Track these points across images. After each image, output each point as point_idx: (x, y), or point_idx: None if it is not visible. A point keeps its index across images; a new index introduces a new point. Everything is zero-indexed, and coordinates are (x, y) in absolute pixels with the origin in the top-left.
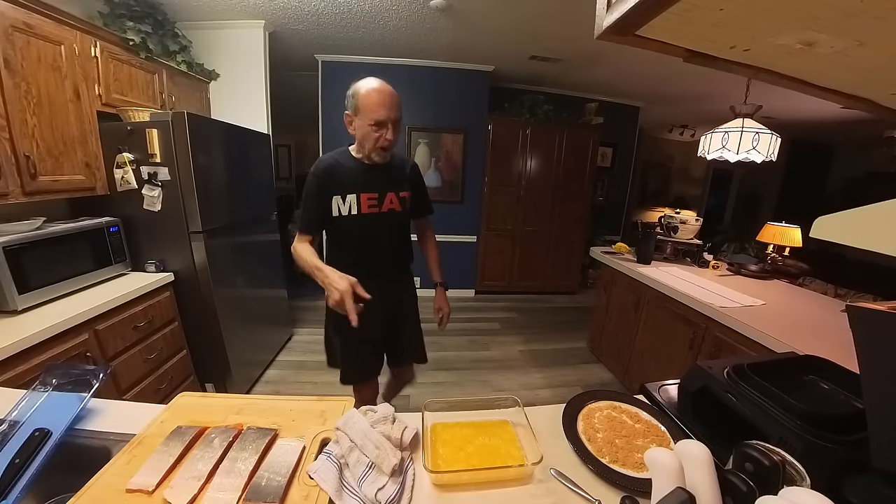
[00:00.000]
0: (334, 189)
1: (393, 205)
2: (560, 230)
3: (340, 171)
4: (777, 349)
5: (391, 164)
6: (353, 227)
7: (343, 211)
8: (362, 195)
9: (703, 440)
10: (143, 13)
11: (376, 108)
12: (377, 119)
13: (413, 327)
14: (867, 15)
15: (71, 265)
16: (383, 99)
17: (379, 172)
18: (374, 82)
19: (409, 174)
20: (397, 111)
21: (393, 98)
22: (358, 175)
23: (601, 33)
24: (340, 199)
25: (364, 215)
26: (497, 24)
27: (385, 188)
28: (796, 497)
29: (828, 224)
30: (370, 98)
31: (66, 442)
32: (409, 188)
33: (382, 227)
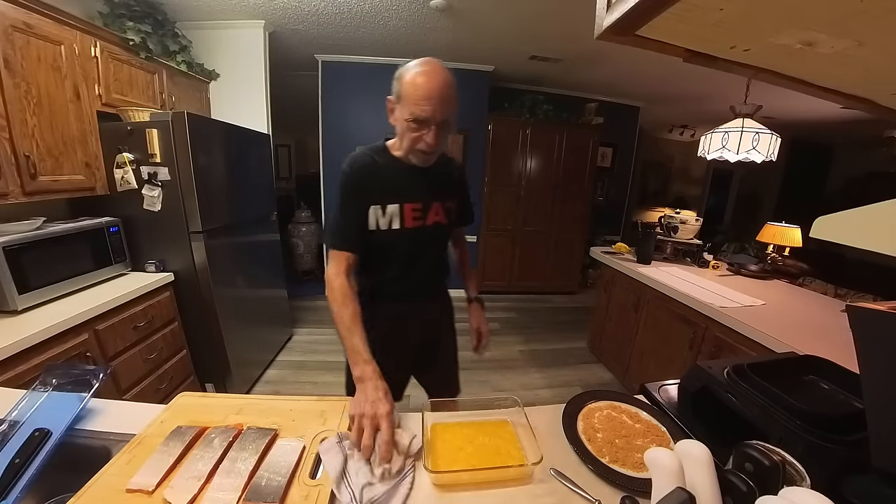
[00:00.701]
0: (373, 195)
1: (439, 217)
2: (560, 230)
3: (379, 172)
4: (777, 349)
5: (436, 165)
6: (393, 245)
7: (382, 224)
8: (406, 205)
9: (703, 440)
10: (143, 13)
11: (418, 101)
12: (417, 115)
13: (448, 360)
14: (867, 15)
15: (71, 265)
16: (430, 90)
17: (424, 176)
18: (426, 65)
19: (456, 177)
20: (446, 109)
21: (444, 91)
22: (400, 179)
23: (601, 33)
24: (380, 209)
25: (407, 230)
26: (497, 24)
27: (430, 197)
28: (796, 497)
29: (828, 224)
30: (414, 86)
31: (66, 442)
32: (456, 195)
33: (426, 244)
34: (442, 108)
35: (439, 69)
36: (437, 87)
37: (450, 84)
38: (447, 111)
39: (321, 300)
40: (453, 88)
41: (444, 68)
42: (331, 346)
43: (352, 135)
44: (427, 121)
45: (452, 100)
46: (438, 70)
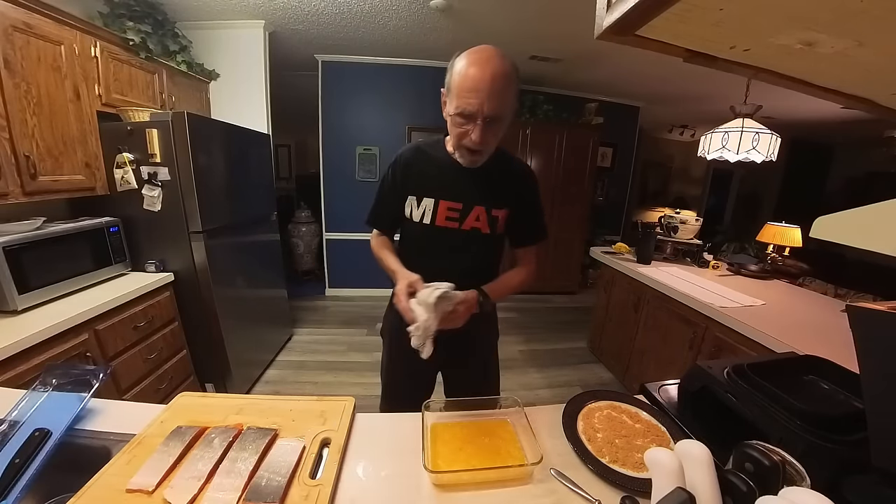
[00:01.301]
0: (411, 186)
1: (479, 223)
2: (560, 230)
3: (425, 163)
4: (777, 349)
5: (495, 167)
6: (423, 238)
7: (415, 215)
8: (441, 202)
9: (703, 440)
10: (143, 13)
11: (466, 93)
12: (463, 109)
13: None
14: (867, 15)
15: (71, 265)
16: (478, 80)
17: (473, 176)
18: (478, 53)
19: (517, 185)
20: (497, 103)
21: (496, 83)
22: (444, 174)
23: (601, 33)
24: (415, 200)
25: (436, 228)
26: (497, 24)
27: (474, 199)
28: (796, 497)
29: (828, 224)
30: (463, 76)
31: (66, 442)
32: (511, 205)
33: (458, 248)
34: (491, 102)
35: (493, 58)
36: (487, 78)
37: (504, 75)
38: (498, 106)
39: (321, 300)
40: (509, 80)
41: (499, 57)
42: (331, 346)
43: (352, 135)
44: (473, 115)
45: (506, 93)
46: (492, 59)
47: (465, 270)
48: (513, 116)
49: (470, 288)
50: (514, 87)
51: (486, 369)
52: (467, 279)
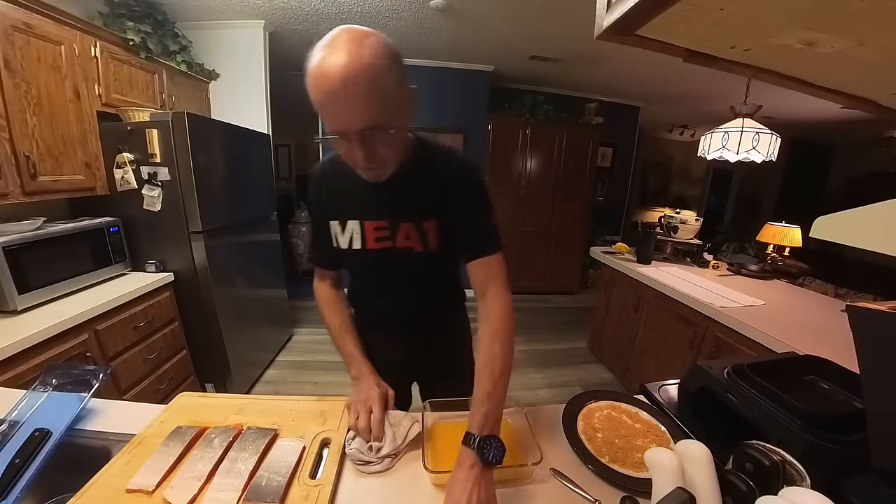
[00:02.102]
0: (331, 209)
1: (410, 241)
2: (560, 230)
3: (340, 179)
4: (777, 349)
5: (417, 171)
6: (360, 267)
7: (342, 242)
8: (367, 223)
9: (703, 440)
10: (143, 13)
11: (325, 110)
12: (331, 128)
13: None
14: (867, 15)
15: (71, 265)
16: (332, 93)
17: (393, 188)
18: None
19: (445, 188)
20: (365, 112)
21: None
22: (363, 191)
23: (601, 33)
24: (339, 226)
25: (371, 252)
26: (497, 24)
27: (399, 214)
28: (796, 497)
29: (828, 224)
30: (313, 87)
31: (66, 442)
32: (442, 213)
33: (399, 271)
34: (357, 114)
35: (343, 53)
36: (340, 86)
37: (363, 72)
38: (369, 113)
39: None
40: (373, 74)
41: (354, 47)
42: (331, 346)
43: None
44: (344, 133)
45: (375, 93)
46: (342, 54)
47: (418, 293)
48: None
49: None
50: (387, 75)
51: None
52: (424, 301)
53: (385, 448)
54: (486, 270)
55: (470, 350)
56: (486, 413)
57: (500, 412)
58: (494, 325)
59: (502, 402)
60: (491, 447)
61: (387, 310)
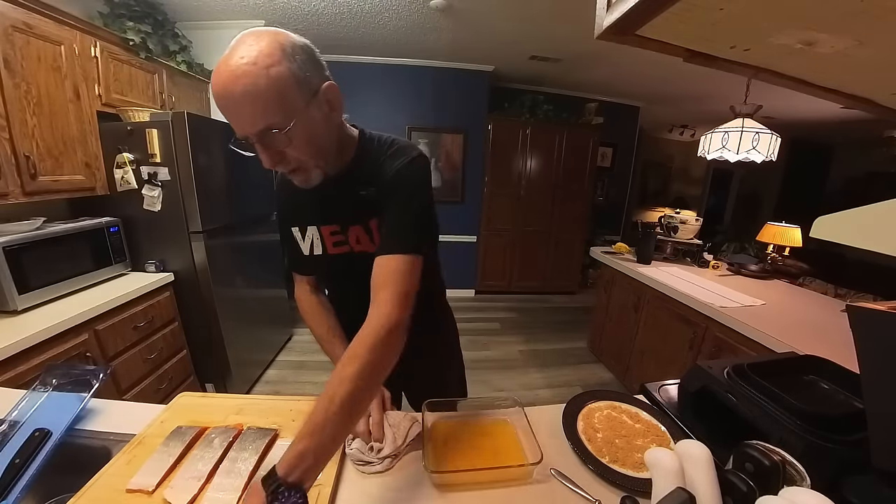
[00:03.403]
0: (291, 216)
1: (361, 244)
2: (560, 230)
3: (296, 189)
4: (777, 349)
5: (362, 170)
6: (329, 272)
7: (304, 248)
8: (323, 228)
9: (703, 440)
10: (143, 13)
11: (225, 115)
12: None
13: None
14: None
15: (71, 265)
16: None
17: (339, 192)
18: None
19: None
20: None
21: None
22: (314, 196)
23: (601, 33)
24: (299, 232)
25: (332, 257)
26: (497, 24)
27: (347, 217)
28: (796, 497)
29: (828, 224)
30: (215, 97)
31: (66, 442)
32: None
33: (361, 273)
34: (250, 117)
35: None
36: (224, 89)
37: (241, 74)
38: (264, 117)
39: None
40: (253, 76)
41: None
42: None
43: None
44: (244, 138)
45: (270, 95)
46: (229, 59)
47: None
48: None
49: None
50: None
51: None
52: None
53: (385, 449)
54: (382, 271)
55: (459, 353)
56: (302, 452)
57: (325, 457)
58: (360, 339)
59: (333, 444)
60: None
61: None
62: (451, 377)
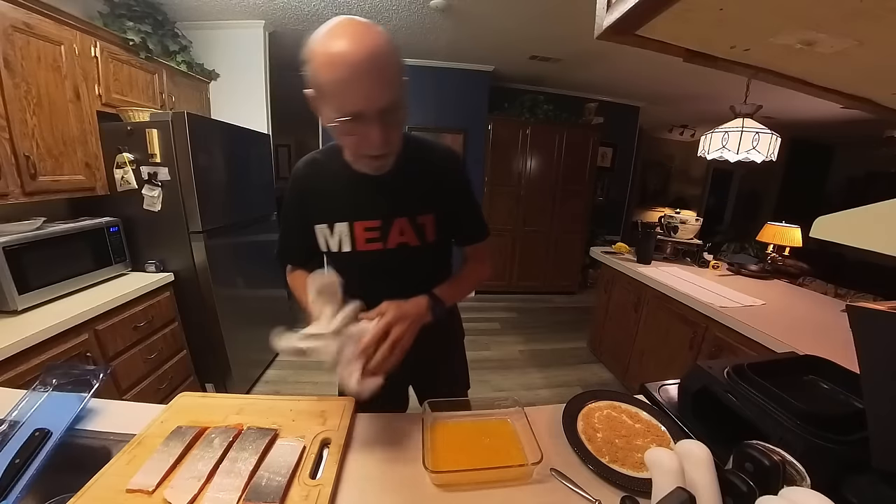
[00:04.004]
0: (317, 212)
1: (405, 237)
2: (560, 230)
3: (324, 181)
4: (777, 349)
5: (408, 165)
6: (348, 269)
7: (332, 245)
8: (357, 224)
9: (703, 440)
10: (143, 13)
11: (346, 90)
12: (350, 110)
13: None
14: (867, 15)
15: (71, 265)
16: (358, 70)
17: (383, 185)
18: (341, 31)
19: (440, 181)
20: (388, 89)
21: (378, 64)
22: (350, 190)
23: (601, 33)
24: (327, 228)
25: (360, 254)
26: (497, 24)
27: (392, 211)
28: (796, 497)
29: (828, 224)
30: (332, 69)
31: (66, 442)
32: (439, 206)
33: (393, 270)
34: (382, 90)
35: (362, 33)
36: (367, 61)
37: (384, 50)
38: (392, 90)
39: None
40: (391, 54)
41: (367, 29)
42: None
43: None
44: (364, 114)
45: (395, 72)
46: (358, 35)
47: (411, 290)
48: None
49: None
50: (399, 59)
51: (456, 373)
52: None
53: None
54: (479, 253)
55: (463, 350)
56: (447, 290)
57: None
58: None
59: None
60: (439, 307)
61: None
62: (459, 372)
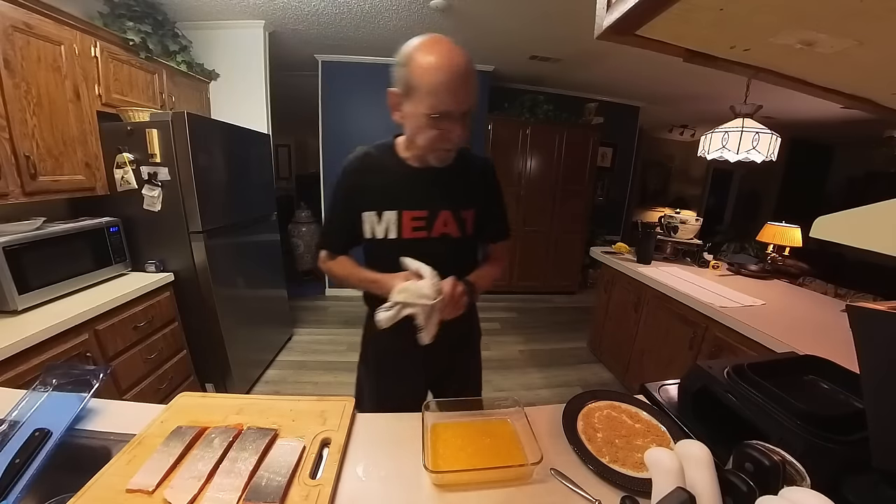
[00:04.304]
0: (366, 201)
1: (448, 228)
2: (560, 230)
3: (377, 173)
4: (777, 349)
5: (452, 167)
6: (391, 255)
7: (378, 233)
8: (405, 213)
9: (703, 440)
10: (143, 13)
11: (441, 93)
12: (441, 109)
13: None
14: (867, 15)
15: (71, 265)
16: (453, 78)
17: (432, 180)
18: (439, 46)
19: (479, 181)
20: (472, 96)
21: (467, 74)
22: (402, 183)
23: (601, 33)
24: (375, 216)
25: (405, 241)
26: (497, 24)
27: (439, 204)
28: (796, 497)
29: (828, 224)
30: (432, 74)
31: (66, 442)
32: (478, 204)
33: (432, 257)
34: (468, 96)
35: (456, 50)
36: (462, 75)
37: (471, 65)
38: (472, 98)
39: (321, 300)
40: (474, 69)
41: (457, 47)
42: (331, 346)
43: (352, 135)
44: (452, 113)
45: (475, 83)
46: (455, 51)
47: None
48: None
49: None
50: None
51: (470, 373)
52: None
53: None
54: (499, 252)
55: (479, 348)
56: (477, 279)
57: (483, 287)
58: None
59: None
60: (472, 289)
61: None
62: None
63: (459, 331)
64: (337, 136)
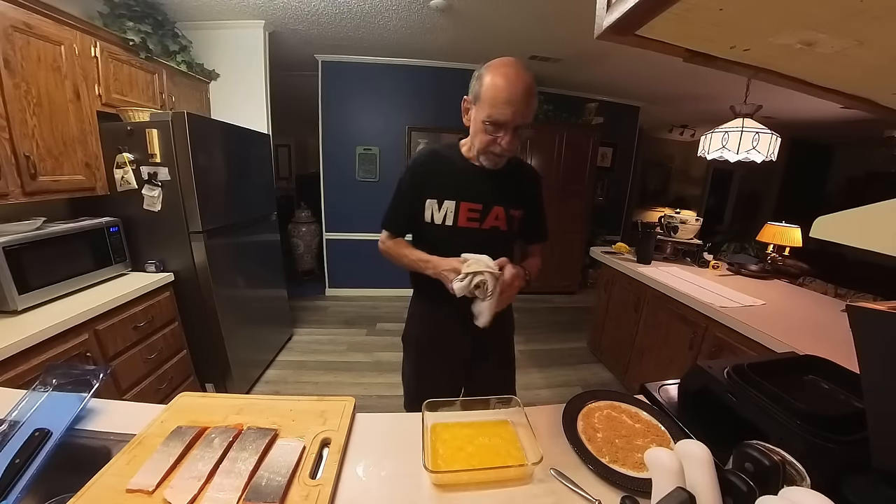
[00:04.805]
0: (430, 189)
1: (498, 221)
2: (560, 230)
3: (442, 167)
4: (777, 349)
5: (508, 171)
6: (444, 240)
7: (437, 218)
8: (462, 204)
9: (703, 440)
10: (143, 13)
11: (499, 104)
12: (496, 118)
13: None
14: (867, 15)
15: (71, 265)
16: (512, 94)
17: (490, 179)
18: (508, 67)
19: (529, 188)
20: (526, 113)
21: (526, 95)
22: (463, 177)
23: (601, 33)
24: (436, 203)
25: (460, 229)
26: (497, 24)
27: (493, 200)
28: (796, 497)
29: (828, 224)
30: (495, 88)
31: (66, 442)
32: (526, 205)
33: (480, 245)
34: (522, 113)
35: (522, 72)
36: (520, 92)
37: (532, 88)
38: (528, 115)
39: (321, 300)
40: (534, 92)
41: (526, 70)
42: (331, 346)
43: (352, 135)
44: (505, 124)
45: (532, 104)
46: (521, 73)
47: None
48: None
49: None
50: (537, 97)
51: (507, 360)
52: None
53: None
54: (539, 251)
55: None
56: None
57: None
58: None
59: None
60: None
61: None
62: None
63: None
64: (337, 136)
